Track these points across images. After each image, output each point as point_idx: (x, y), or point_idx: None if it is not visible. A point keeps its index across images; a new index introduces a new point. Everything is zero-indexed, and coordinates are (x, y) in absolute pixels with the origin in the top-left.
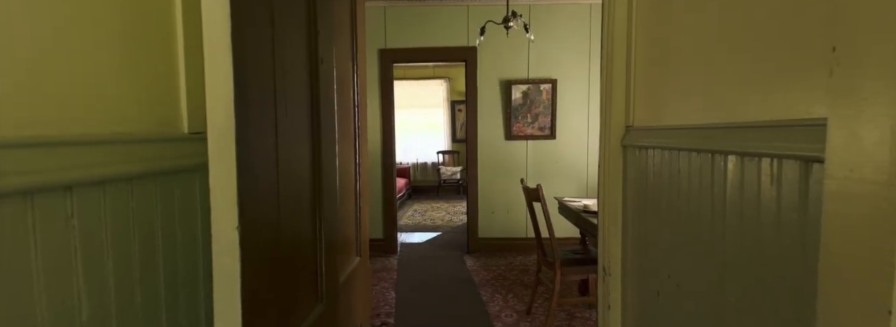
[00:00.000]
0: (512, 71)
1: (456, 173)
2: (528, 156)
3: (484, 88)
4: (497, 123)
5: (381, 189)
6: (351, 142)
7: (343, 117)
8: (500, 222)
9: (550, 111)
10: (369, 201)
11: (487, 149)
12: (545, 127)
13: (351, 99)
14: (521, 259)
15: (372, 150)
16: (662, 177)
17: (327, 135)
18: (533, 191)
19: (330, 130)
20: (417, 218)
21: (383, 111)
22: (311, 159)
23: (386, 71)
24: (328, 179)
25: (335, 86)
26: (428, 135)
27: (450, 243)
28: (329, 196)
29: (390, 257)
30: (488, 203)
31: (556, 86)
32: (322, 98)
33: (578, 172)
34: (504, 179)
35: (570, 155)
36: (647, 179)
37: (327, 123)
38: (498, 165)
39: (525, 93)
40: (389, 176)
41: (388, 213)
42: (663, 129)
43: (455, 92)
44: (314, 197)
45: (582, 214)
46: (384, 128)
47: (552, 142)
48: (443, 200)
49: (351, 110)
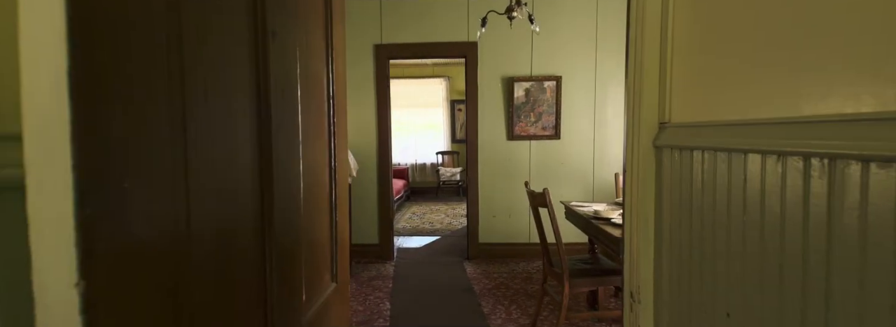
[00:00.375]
0: (514, 67)
1: (456, 174)
2: (531, 157)
3: (485, 86)
4: (498, 123)
5: (376, 192)
6: (324, 142)
7: (312, 110)
8: (502, 227)
9: (555, 110)
10: (364, 205)
11: (488, 149)
12: (549, 126)
13: (324, 88)
14: (524, 265)
15: (367, 151)
16: (717, 187)
17: (285, 132)
18: (539, 196)
19: (289, 126)
20: (415, 221)
21: (379, 110)
22: (256, 165)
23: (382, 67)
24: (285, 192)
25: (299, 70)
26: (427, 135)
27: (449, 248)
28: (286, 213)
29: (386, 263)
30: (489, 206)
31: (561, 84)
32: (274, 84)
33: (584, 175)
34: (506, 181)
35: (575, 156)
36: (692, 188)
37: (285, 117)
38: (499, 167)
39: (528, 90)
40: (385, 178)
41: (384, 217)
42: (718, 126)
43: (455, 91)
44: (262, 216)
45: (592, 221)
46: (380, 127)
47: (557, 143)
48: (442, 202)
49: (324, 103)
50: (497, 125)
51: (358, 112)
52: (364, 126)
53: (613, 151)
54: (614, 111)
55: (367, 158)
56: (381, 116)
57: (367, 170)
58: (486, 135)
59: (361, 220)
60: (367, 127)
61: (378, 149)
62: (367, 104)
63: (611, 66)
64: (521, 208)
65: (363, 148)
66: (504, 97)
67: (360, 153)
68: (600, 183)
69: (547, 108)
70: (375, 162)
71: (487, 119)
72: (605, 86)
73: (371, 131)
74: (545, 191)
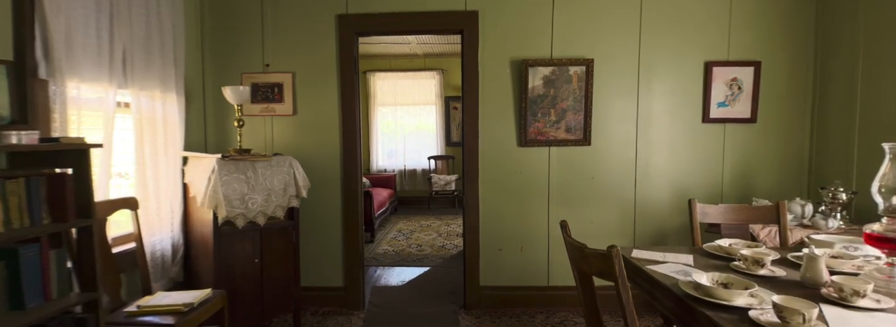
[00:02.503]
0: (528, 47)
1: (450, 183)
2: (550, 169)
3: (489, 72)
4: (507, 122)
5: (340, 215)
6: None
7: None
8: (511, 264)
9: (583, 105)
10: (325, 234)
11: (493, 158)
12: (576, 128)
13: None
14: (543, 320)
15: (328, 159)
16: None
17: None
18: (596, 259)
19: None
20: (400, 242)
21: (344, 104)
22: None
23: (347, 46)
24: None
25: None
26: (418, 137)
27: (441, 288)
28: None
29: (353, 315)
30: (493, 235)
31: (593, 70)
32: None
33: (623, 195)
34: (516, 201)
35: (611, 169)
36: None
37: None
38: (508, 182)
39: (548, 79)
40: (352, 195)
41: (352, 251)
42: None
43: (450, 86)
44: None
45: (689, 301)
46: (345, 128)
47: (586, 151)
48: (434, 216)
49: None
50: (505, 126)
51: (314, 107)
52: (323, 126)
53: (664, 162)
54: (667, 107)
55: (328, 169)
56: (347, 113)
57: (327, 186)
58: (490, 138)
59: (319, 255)
60: (329, 127)
61: (342, 157)
62: (328, 97)
63: (662, 44)
64: (537, 238)
65: (323, 155)
66: (514, 88)
67: (317, 163)
68: (647, 207)
69: (573, 103)
70: (339, 174)
71: (492, 117)
72: (651, 73)
73: (333, 132)
74: (615, 250)
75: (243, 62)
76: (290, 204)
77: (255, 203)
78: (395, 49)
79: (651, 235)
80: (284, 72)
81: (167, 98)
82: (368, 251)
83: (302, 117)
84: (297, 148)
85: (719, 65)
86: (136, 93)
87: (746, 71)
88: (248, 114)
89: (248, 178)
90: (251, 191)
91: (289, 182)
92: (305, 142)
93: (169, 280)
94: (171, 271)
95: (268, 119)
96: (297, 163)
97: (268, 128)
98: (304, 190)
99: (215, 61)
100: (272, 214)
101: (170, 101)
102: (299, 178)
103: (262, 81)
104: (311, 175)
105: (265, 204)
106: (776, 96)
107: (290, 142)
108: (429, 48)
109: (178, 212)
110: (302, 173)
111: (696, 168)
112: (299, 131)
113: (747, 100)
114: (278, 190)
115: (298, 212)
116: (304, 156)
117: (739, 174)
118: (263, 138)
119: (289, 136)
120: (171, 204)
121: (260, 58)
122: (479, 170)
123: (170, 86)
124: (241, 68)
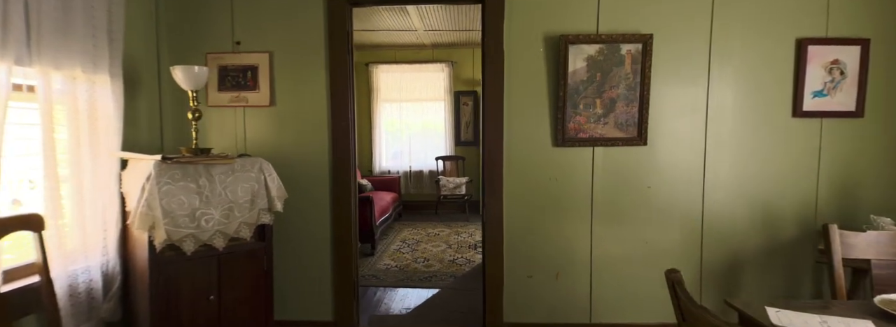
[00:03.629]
0: (568, 19)
1: (460, 186)
2: (595, 175)
3: (517, 53)
4: (539, 116)
5: (329, 231)
6: None
7: None
8: (544, 295)
9: (638, 94)
10: (311, 255)
11: (521, 161)
12: (628, 123)
13: None
14: None
15: (315, 162)
16: None
17: None
18: None
19: None
20: (405, 256)
21: (334, 93)
22: None
23: (339, 19)
24: None
25: None
26: (424, 136)
27: (451, 317)
28: None
29: None
30: (521, 259)
31: (651, 48)
32: None
33: (688, 209)
34: (550, 216)
35: (673, 176)
36: None
37: None
38: (540, 191)
39: (593, 60)
40: (343, 206)
41: (342, 275)
42: None
43: (460, 80)
44: None
45: None
46: (335, 122)
47: (640, 152)
48: (442, 223)
49: None
50: (536, 121)
51: (297, 96)
52: (308, 119)
53: (741, 168)
54: (746, 97)
55: (314, 174)
56: (338, 104)
57: (312, 195)
58: (518, 137)
59: (302, 283)
60: (313, 121)
61: (332, 161)
62: (313, 83)
63: (741, 15)
64: (577, 262)
65: (308, 157)
66: (550, 72)
67: (300, 166)
68: (718, 225)
69: (625, 91)
70: (328, 180)
71: (520, 110)
72: (727, 52)
73: (320, 130)
74: None
75: (208, 39)
76: (260, 220)
77: (210, 220)
78: (400, 38)
79: (722, 261)
80: (259, 51)
81: (97, 81)
82: (368, 266)
83: (281, 109)
84: (276, 147)
85: (816, 43)
86: (46, 73)
87: (851, 51)
88: (213, 104)
89: (200, 188)
90: (205, 205)
91: (258, 191)
92: (286, 140)
93: (99, 321)
94: (101, 309)
95: (239, 111)
96: (270, 167)
97: (239, 123)
98: (278, 201)
99: (174, 38)
100: (235, 234)
101: (100, 85)
102: (272, 187)
103: (231, 63)
104: (293, 182)
105: (225, 221)
106: (889, 83)
107: (267, 140)
108: (437, 37)
109: (113, 232)
110: (276, 180)
111: (783, 175)
112: (278, 126)
113: (851, 89)
114: (244, 202)
115: (271, 230)
116: (285, 158)
117: (840, 183)
118: (233, 135)
119: (265, 133)
120: (103, 220)
121: (229, 34)
122: (504, 176)
123: (101, 66)
124: (205, 47)
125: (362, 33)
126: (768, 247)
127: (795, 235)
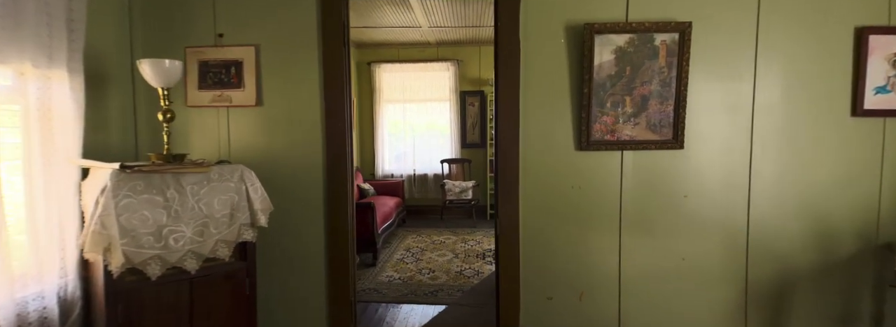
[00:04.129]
0: (594, 5)
1: (467, 190)
2: (624, 183)
3: (535, 44)
4: (560, 116)
5: (323, 245)
6: None
7: None
8: (567, 319)
9: (674, 90)
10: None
11: (539, 166)
12: (662, 124)
13: None
14: None
15: (307, 168)
16: None
17: None
18: None
19: None
20: (409, 266)
21: (328, 91)
22: None
23: (333, 8)
24: None
25: None
26: (429, 138)
27: None
28: None
29: None
30: (540, 277)
31: (689, 39)
32: None
33: (731, 221)
34: (573, 228)
35: (713, 184)
36: None
37: None
38: (561, 200)
39: (622, 52)
40: (339, 217)
41: (339, 295)
42: None
43: (466, 80)
44: None
45: None
46: (329, 123)
47: (676, 157)
48: (448, 229)
49: None
50: (556, 121)
51: (287, 95)
52: (299, 121)
53: (792, 175)
54: (797, 94)
55: (306, 182)
56: (332, 103)
57: (303, 206)
58: (536, 139)
59: (292, 306)
60: (304, 123)
61: (326, 167)
62: (305, 81)
63: (791, 1)
64: (604, 281)
65: (299, 162)
66: (572, 66)
67: (289, 173)
68: (766, 240)
69: (658, 88)
70: (322, 189)
71: (538, 109)
72: (775, 44)
73: (314, 130)
74: None
75: (187, 32)
76: (242, 237)
77: (180, 238)
78: (403, 35)
79: (771, 281)
80: (244, 45)
81: (52, 76)
82: (369, 278)
83: (270, 109)
84: (263, 152)
85: (878, 32)
86: None
87: None
88: (193, 104)
89: (168, 201)
90: (173, 221)
91: (238, 204)
92: (274, 144)
93: None
94: None
95: (222, 111)
96: (253, 176)
97: (222, 125)
98: (262, 215)
99: (148, 30)
100: (211, 254)
101: (57, 82)
102: (255, 198)
103: (213, 58)
104: (282, 191)
105: (199, 239)
106: None
107: (253, 143)
108: (442, 34)
109: (72, 251)
110: (260, 190)
111: (840, 182)
112: (266, 129)
113: None
114: (221, 217)
115: (254, 248)
116: (273, 164)
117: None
118: (216, 139)
119: (251, 136)
120: (61, 238)
121: (210, 25)
122: (520, 182)
123: (58, 60)
124: (184, 40)
125: (363, 31)
126: (823, 265)
127: (854, 251)
